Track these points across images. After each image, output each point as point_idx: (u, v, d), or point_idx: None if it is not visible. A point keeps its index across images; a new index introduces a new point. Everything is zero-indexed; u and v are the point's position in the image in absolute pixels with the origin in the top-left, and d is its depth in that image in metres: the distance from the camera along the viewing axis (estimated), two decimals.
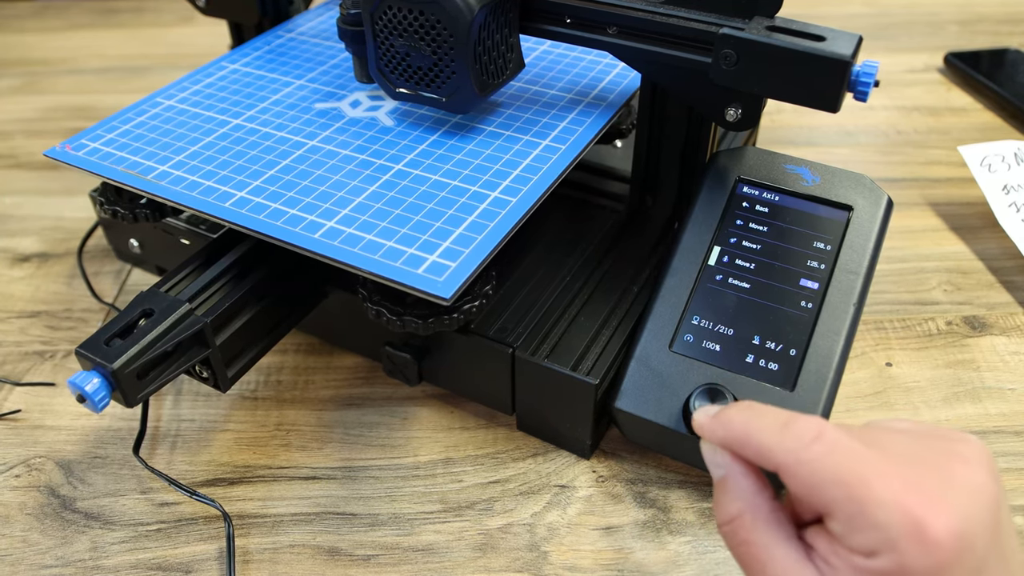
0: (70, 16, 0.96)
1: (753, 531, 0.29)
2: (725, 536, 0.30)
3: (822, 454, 0.27)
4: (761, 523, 0.29)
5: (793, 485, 0.27)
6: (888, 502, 0.25)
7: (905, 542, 0.25)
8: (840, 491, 0.26)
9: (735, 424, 0.30)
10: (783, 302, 0.39)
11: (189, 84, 0.50)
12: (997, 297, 0.51)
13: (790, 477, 0.27)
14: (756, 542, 0.28)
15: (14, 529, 0.39)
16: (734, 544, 0.29)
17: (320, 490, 0.41)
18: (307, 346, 0.49)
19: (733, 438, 0.30)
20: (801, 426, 0.28)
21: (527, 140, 0.43)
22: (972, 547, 0.25)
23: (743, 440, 0.29)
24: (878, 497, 0.25)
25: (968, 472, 0.26)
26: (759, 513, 0.29)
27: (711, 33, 0.38)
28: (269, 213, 0.39)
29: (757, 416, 0.29)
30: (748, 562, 0.29)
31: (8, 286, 0.55)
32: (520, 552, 0.38)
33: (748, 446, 0.29)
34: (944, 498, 0.25)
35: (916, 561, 0.25)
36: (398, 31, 0.40)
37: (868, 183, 0.42)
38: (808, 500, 0.27)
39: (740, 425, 0.30)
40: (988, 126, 0.69)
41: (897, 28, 0.87)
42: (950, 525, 0.25)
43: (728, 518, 0.30)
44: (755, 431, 0.29)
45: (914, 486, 0.26)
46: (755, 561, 0.28)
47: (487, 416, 0.44)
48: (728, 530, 0.30)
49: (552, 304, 0.42)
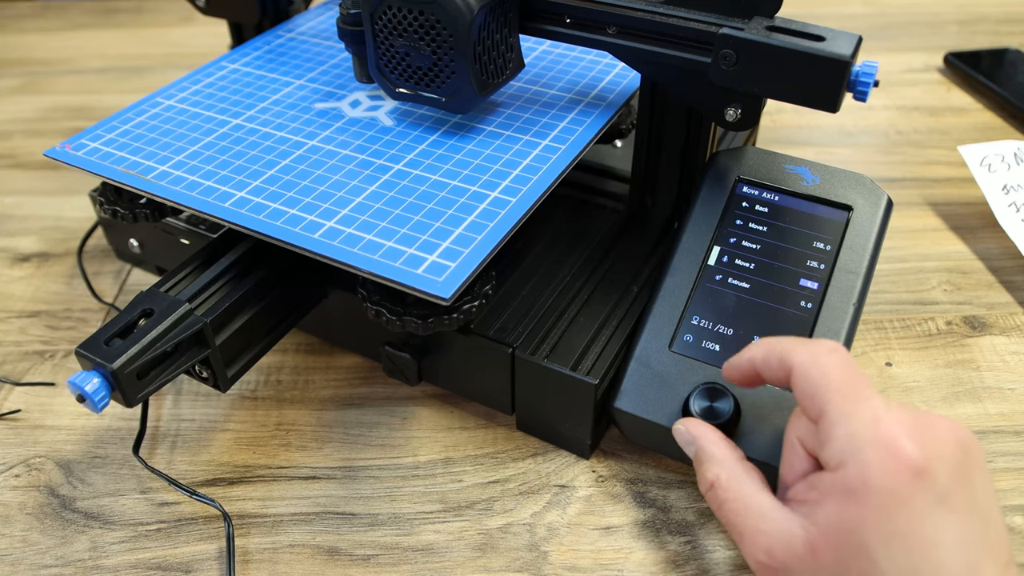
0: (70, 16, 0.96)
1: (729, 488, 0.32)
2: (710, 501, 0.33)
3: (835, 362, 0.30)
4: (735, 479, 0.32)
5: (800, 385, 0.30)
6: (868, 419, 0.28)
7: (870, 452, 0.28)
8: (836, 396, 0.29)
9: (761, 343, 0.33)
10: (783, 302, 0.39)
11: (189, 84, 0.50)
12: (997, 297, 0.51)
13: (801, 377, 0.30)
14: (733, 497, 0.32)
15: (14, 529, 0.39)
16: (717, 507, 0.32)
17: (320, 490, 0.41)
18: (307, 346, 0.49)
19: (759, 353, 0.33)
20: (823, 340, 0.32)
21: (527, 140, 0.43)
22: (933, 474, 0.27)
23: (768, 350, 0.33)
24: (862, 412, 0.28)
25: (947, 424, 0.29)
26: (732, 471, 0.32)
27: (711, 33, 0.38)
28: (269, 213, 0.39)
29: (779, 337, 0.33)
30: (731, 518, 0.31)
31: (8, 286, 0.55)
32: (520, 552, 0.38)
33: (772, 354, 0.32)
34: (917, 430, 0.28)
35: (877, 473, 0.27)
36: (398, 31, 0.40)
37: (868, 183, 0.42)
38: (810, 399, 0.30)
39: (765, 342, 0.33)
40: (988, 126, 0.69)
41: (897, 28, 0.87)
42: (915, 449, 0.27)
43: (707, 484, 0.33)
44: (779, 342, 0.33)
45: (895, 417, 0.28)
46: (735, 514, 0.31)
47: (487, 416, 0.44)
48: (711, 495, 0.33)
49: (552, 304, 0.42)
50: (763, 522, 0.30)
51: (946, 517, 0.27)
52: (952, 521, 0.27)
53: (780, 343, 0.32)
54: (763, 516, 0.30)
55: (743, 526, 0.31)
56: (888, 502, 0.27)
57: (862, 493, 0.27)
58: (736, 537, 0.31)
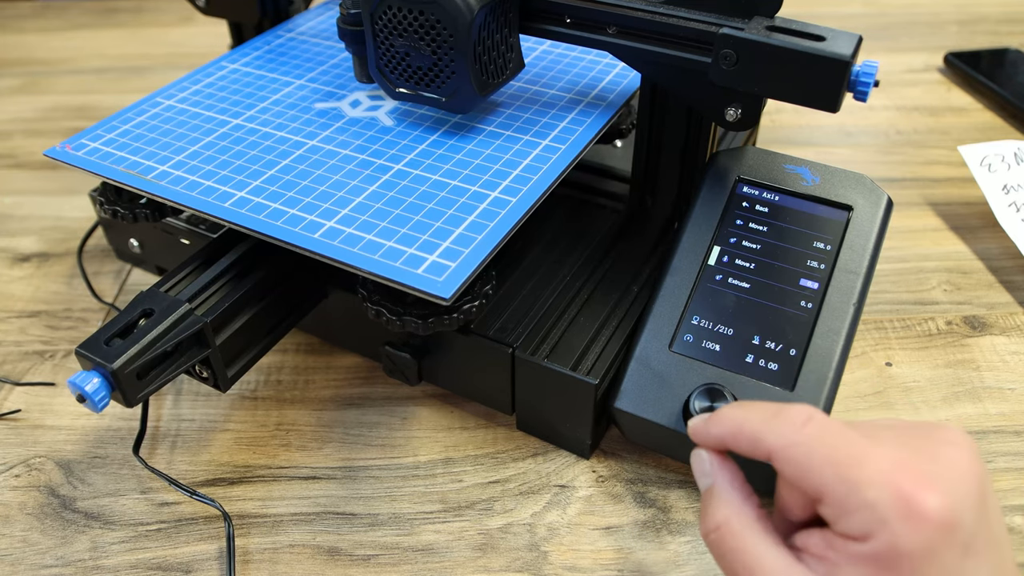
0: (70, 16, 0.96)
1: (741, 537, 0.29)
2: (712, 544, 0.30)
3: (813, 436, 0.27)
4: (748, 529, 0.29)
5: (786, 470, 0.28)
6: (878, 481, 0.26)
7: (896, 520, 0.25)
8: (831, 471, 0.27)
9: (726, 419, 0.30)
10: (783, 302, 0.39)
11: (189, 84, 0.50)
12: (997, 297, 0.51)
13: (783, 462, 0.28)
14: (744, 548, 0.28)
15: (14, 529, 0.39)
16: (722, 552, 0.29)
17: (320, 490, 0.41)
18: (307, 346, 0.49)
19: (726, 432, 0.30)
20: (792, 412, 0.28)
21: (527, 140, 0.43)
22: (960, 524, 0.25)
23: (736, 432, 0.30)
24: (868, 476, 0.26)
25: (954, 453, 0.27)
26: (746, 519, 0.29)
27: (711, 33, 0.38)
28: (269, 213, 0.39)
29: (748, 409, 0.30)
30: (736, 569, 0.28)
31: (8, 286, 0.55)
32: (520, 552, 0.38)
33: (741, 437, 0.29)
34: (932, 477, 0.26)
35: (907, 539, 0.25)
36: (398, 31, 0.40)
37: (868, 183, 0.42)
38: (801, 483, 0.27)
39: (731, 420, 0.30)
40: (988, 126, 0.69)
41: (897, 28, 0.87)
42: (939, 502, 0.25)
43: (715, 525, 0.29)
44: (746, 421, 0.29)
45: (902, 466, 0.26)
46: (743, 568, 0.28)
47: (487, 416, 0.44)
48: (715, 537, 0.29)
49: (552, 304, 0.42)
50: None
51: (974, 562, 0.26)
52: (979, 563, 0.26)
53: (746, 424, 0.29)
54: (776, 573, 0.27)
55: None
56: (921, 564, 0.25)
57: (895, 561, 0.26)
58: None
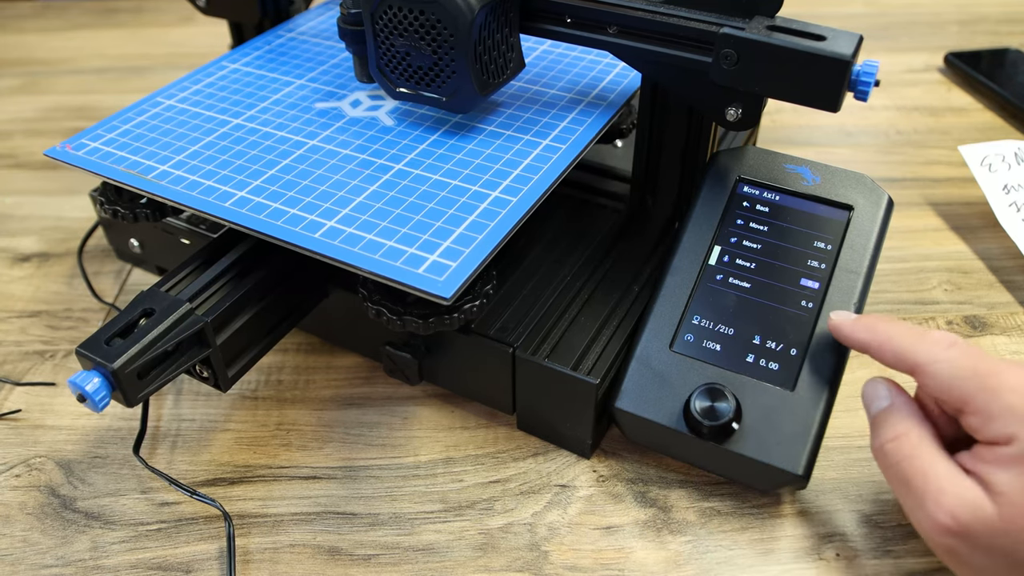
0: (70, 16, 0.96)
1: (919, 446, 0.32)
2: (888, 453, 0.33)
3: (958, 355, 0.32)
4: (926, 440, 0.32)
5: (930, 384, 0.32)
6: (1016, 386, 0.30)
7: None
8: (975, 383, 0.31)
9: (878, 330, 0.34)
10: (784, 302, 0.39)
11: (189, 84, 0.50)
12: (997, 297, 0.51)
13: (928, 376, 0.32)
14: (921, 455, 0.32)
15: (14, 529, 0.39)
16: (897, 459, 0.32)
17: (320, 490, 0.41)
18: (307, 346, 0.49)
19: (873, 340, 0.34)
20: (938, 334, 0.33)
21: (527, 140, 0.43)
22: None
23: (884, 342, 0.34)
24: (1008, 384, 0.30)
25: None
26: (924, 432, 0.33)
27: (711, 33, 0.38)
28: (269, 213, 0.39)
29: (897, 325, 0.34)
30: (910, 474, 0.32)
31: (8, 286, 0.55)
32: (521, 552, 0.38)
33: (887, 348, 0.34)
34: None
35: None
36: (398, 31, 0.40)
37: (868, 183, 0.42)
38: (946, 395, 0.31)
39: (882, 331, 0.34)
40: (988, 126, 0.69)
41: (897, 28, 0.87)
42: None
43: (894, 435, 0.33)
44: (897, 336, 0.34)
45: None
46: (918, 473, 0.31)
47: (487, 416, 0.44)
48: (893, 446, 0.33)
49: (553, 304, 0.42)
50: (949, 484, 0.31)
51: None
52: None
53: (896, 339, 0.33)
54: (949, 479, 0.31)
55: (925, 487, 0.31)
56: None
57: None
58: (913, 498, 0.32)
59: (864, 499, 0.39)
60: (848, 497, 0.39)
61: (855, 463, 0.41)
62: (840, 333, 0.36)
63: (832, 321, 0.37)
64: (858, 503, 0.39)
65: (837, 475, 0.40)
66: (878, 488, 0.39)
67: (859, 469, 0.40)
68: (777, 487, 0.38)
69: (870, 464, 0.41)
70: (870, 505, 0.39)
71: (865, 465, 0.41)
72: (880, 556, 0.37)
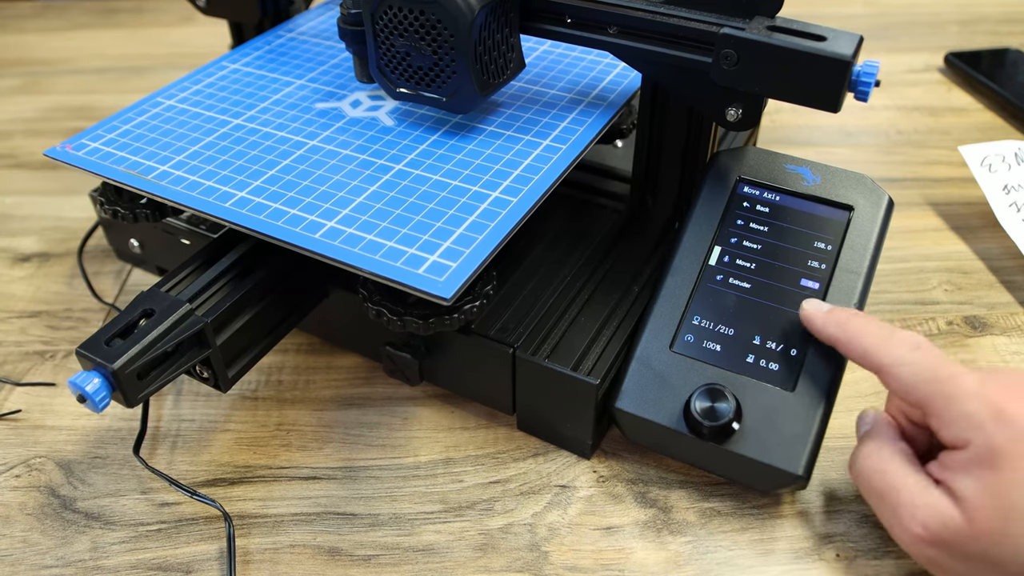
0: (70, 16, 0.96)
1: (891, 460, 0.34)
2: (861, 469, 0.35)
3: (921, 357, 0.33)
4: (898, 456, 0.34)
5: (893, 385, 0.33)
6: (973, 393, 0.31)
7: (990, 423, 0.30)
8: (935, 387, 0.32)
9: (849, 326, 0.35)
10: (784, 302, 0.39)
11: (189, 84, 0.50)
12: (998, 297, 0.51)
13: (892, 377, 0.33)
14: (893, 470, 0.33)
15: (14, 529, 0.39)
16: (869, 474, 0.34)
17: (320, 490, 0.41)
18: (308, 346, 0.49)
19: (842, 337, 0.35)
20: (904, 335, 0.34)
21: (528, 140, 0.43)
22: None
23: (852, 340, 0.35)
24: (964, 391, 0.31)
25: None
26: (896, 448, 0.34)
27: (712, 33, 0.38)
28: (270, 213, 0.39)
29: (867, 322, 0.35)
30: (883, 489, 0.33)
31: (8, 286, 0.55)
32: (521, 552, 0.38)
33: (854, 345, 0.35)
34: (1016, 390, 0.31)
35: (1001, 437, 0.30)
36: (399, 31, 0.40)
37: (869, 183, 0.42)
38: (907, 397, 0.33)
39: (852, 328, 0.35)
40: (988, 126, 0.69)
41: (897, 28, 0.87)
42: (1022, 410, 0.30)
43: (867, 452, 0.35)
44: (865, 334, 0.35)
45: (992, 383, 0.31)
46: (890, 487, 0.33)
47: (487, 416, 0.44)
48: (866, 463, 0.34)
49: (553, 304, 0.42)
50: (920, 496, 0.32)
51: None
52: None
53: (864, 338, 0.35)
54: (919, 491, 0.32)
55: (898, 500, 0.32)
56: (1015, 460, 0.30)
57: (995, 459, 0.30)
58: (888, 511, 0.33)
59: (864, 499, 0.39)
60: (848, 497, 0.39)
61: None
62: (811, 324, 0.37)
63: (805, 311, 0.37)
64: (858, 503, 0.39)
65: (837, 475, 0.40)
66: None
67: None
68: (777, 488, 0.38)
69: None
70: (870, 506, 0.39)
71: None
72: (880, 556, 0.37)
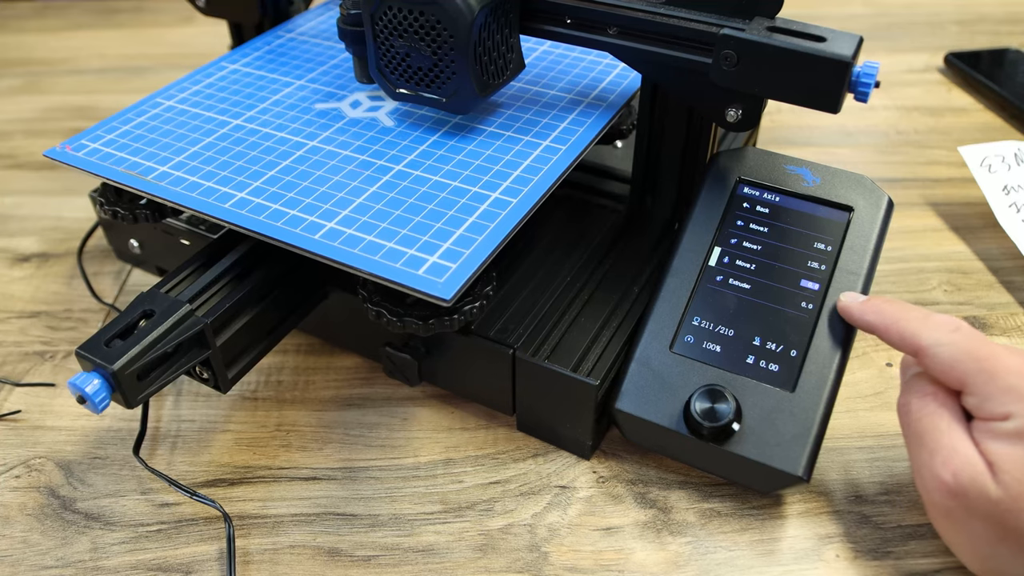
0: (70, 16, 0.96)
1: (943, 407, 0.34)
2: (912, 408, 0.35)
3: (960, 339, 0.33)
4: (950, 405, 0.34)
5: (932, 365, 0.34)
6: (1014, 369, 0.32)
7: None
8: (974, 365, 0.32)
9: (885, 313, 0.36)
10: (784, 303, 0.39)
11: (189, 84, 0.50)
12: (997, 297, 0.51)
13: (931, 357, 0.34)
14: (943, 416, 0.33)
15: (14, 530, 0.39)
16: (920, 415, 0.34)
17: (320, 491, 0.41)
18: (307, 347, 0.49)
19: (880, 323, 0.36)
20: (942, 318, 0.35)
21: (527, 141, 0.43)
22: None
23: (891, 325, 0.36)
24: (1005, 365, 0.32)
25: None
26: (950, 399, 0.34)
27: (711, 34, 0.38)
28: (269, 214, 0.39)
29: (903, 309, 0.36)
30: (928, 429, 0.34)
31: (8, 286, 0.55)
32: (521, 553, 0.38)
33: (894, 330, 0.35)
34: None
35: None
36: (398, 31, 0.40)
37: (868, 184, 0.42)
38: (947, 376, 0.33)
39: (889, 314, 0.36)
40: (988, 126, 0.69)
41: (897, 28, 0.87)
42: None
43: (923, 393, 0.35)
44: (903, 318, 0.35)
45: None
46: (935, 429, 0.33)
47: (487, 417, 0.44)
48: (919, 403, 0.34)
49: (552, 305, 0.42)
50: (962, 446, 0.32)
51: None
52: None
53: (901, 322, 0.35)
54: (963, 442, 0.32)
55: (939, 443, 0.33)
56: None
57: None
58: (925, 452, 0.33)
59: (864, 500, 0.39)
60: (848, 498, 0.39)
61: (855, 464, 0.41)
62: (849, 314, 0.38)
63: (842, 302, 0.38)
64: (858, 504, 0.39)
65: (837, 476, 0.40)
66: (878, 489, 0.39)
67: (859, 470, 0.40)
68: (777, 488, 0.38)
69: (870, 465, 0.41)
70: (870, 506, 0.39)
71: (865, 466, 0.41)
72: (880, 557, 0.37)
